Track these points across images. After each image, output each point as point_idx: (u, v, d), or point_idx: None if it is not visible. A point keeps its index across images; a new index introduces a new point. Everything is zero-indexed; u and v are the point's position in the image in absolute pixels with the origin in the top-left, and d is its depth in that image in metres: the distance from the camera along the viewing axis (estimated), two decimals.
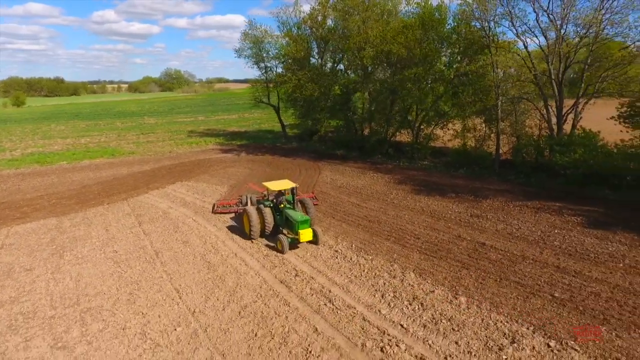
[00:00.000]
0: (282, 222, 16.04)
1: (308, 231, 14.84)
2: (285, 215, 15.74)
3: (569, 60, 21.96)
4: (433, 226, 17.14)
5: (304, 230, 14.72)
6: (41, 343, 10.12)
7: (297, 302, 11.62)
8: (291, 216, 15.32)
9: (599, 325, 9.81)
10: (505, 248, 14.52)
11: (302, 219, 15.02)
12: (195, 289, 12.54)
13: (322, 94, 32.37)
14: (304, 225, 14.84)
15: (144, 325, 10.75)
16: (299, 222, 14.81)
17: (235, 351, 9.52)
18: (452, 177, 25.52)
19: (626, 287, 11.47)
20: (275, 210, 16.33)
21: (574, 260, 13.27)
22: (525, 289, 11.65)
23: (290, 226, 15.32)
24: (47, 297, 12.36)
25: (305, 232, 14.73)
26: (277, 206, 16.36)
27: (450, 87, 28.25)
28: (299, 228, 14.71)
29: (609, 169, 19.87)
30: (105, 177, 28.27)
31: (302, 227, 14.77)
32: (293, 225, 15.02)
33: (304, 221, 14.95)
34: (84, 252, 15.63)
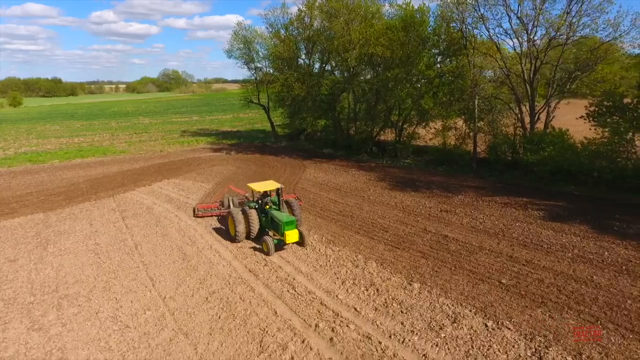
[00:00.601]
0: (267, 223, 15.76)
1: (294, 232, 14.60)
2: (271, 217, 15.47)
3: (539, 61, 22.72)
4: (403, 220, 17.91)
5: (290, 232, 14.48)
6: (19, 325, 10.86)
7: (262, 288, 12.39)
8: (276, 217, 15.08)
9: (539, 306, 10.59)
10: (465, 240, 15.31)
11: (288, 219, 14.78)
12: (169, 278, 13.29)
13: (309, 93, 33.10)
14: (289, 226, 14.59)
15: (116, 309, 11.49)
16: (284, 223, 14.56)
17: (197, 331, 10.28)
18: (431, 175, 26.31)
19: (569, 274, 12.26)
20: (260, 212, 16.09)
21: (527, 251, 14.06)
22: (476, 276, 12.43)
23: (276, 227, 15.06)
24: (27, 285, 13.10)
25: (291, 234, 14.50)
26: (262, 207, 16.16)
27: (431, 87, 29.03)
28: (285, 229, 14.45)
29: (575, 166, 20.65)
30: (94, 174, 28.99)
31: (287, 228, 14.52)
32: (279, 226, 14.78)
33: (290, 222, 14.71)
34: (67, 244, 16.37)
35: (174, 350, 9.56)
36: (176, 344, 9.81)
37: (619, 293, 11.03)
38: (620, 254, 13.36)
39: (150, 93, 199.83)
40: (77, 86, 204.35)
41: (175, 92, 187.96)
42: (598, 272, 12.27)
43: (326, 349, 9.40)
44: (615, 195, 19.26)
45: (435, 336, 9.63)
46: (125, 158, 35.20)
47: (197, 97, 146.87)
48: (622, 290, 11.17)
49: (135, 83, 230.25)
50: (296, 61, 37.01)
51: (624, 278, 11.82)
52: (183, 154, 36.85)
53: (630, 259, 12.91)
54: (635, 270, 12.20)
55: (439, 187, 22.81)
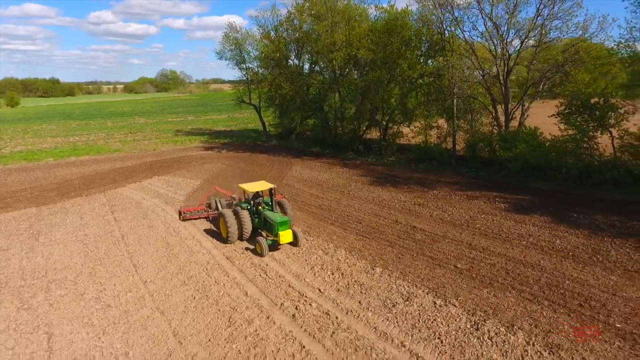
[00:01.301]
0: (260, 224, 15.64)
1: (288, 232, 14.46)
2: (264, 217, 15.33)
3: (511, 62, 23.76)
4: (377, 213, 18.91)
5: (284, 232, 14.33)
6: (9, 306, 11.81)
7: (236, 273, 13.36)
8: (270, 217, 14.93)
9: (483, 288, 11.59)
10: (432, 230, 16.31)
11: (282, 220, 14.63)
12: (151, 264, 14.26)
13: (297, 93, 34.08)
14: (283, 227, 14.44)
15: (100, 292, 12.46)
16: (278, 223, 14.40)
17: (173, 309, 11.25)
18: (411, 172, 27.30)
19: (520, 259, 13.27)
20: (252, 213, 15.95)
21: (486, 239, 15.07)
22: (434, 262, 13.44)
23: (270, 228, 14.90)
24: (19, 271, 14.05)
25: (285, 234, 14.36)
26: (254, 208, 16.01)
27: (413, 87, 30.04)
28: (279, 229, 14.31)
29: (544, 162, 21.67)
30: (87, 172, 29.92)
31: (281, 228, 14.37)
32: (272, 226, 14.64)
33: (284, 222, 14.55)
34: (58, 235, 17.32)
35: (150, 325, 10.52)
36: (152, 320, 10.78)
37: (560, 275, 12.04)
38: (570, 241, 14.38)
39: (148, 93, 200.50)
40: (75, 86, 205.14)
41: (173, 93, 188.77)
42: (546, 257, 13.29)
43: (288, 323, 10.38)
44: (581, 190, 20.27)
45: (388, 312, 10.62)
46: (118, 156, 36.13)
47: (194, 97, 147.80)
48: (563, 272, 12.18)
49: (133, 83, 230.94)
50: (285, 61, 38.00)
51: (568, 262, 12.83)
52: (175, 152, 37.78)
53: (578, 246, 13.93)
54: (579, 256, 13.22)
55: (417, 183, 23.81)
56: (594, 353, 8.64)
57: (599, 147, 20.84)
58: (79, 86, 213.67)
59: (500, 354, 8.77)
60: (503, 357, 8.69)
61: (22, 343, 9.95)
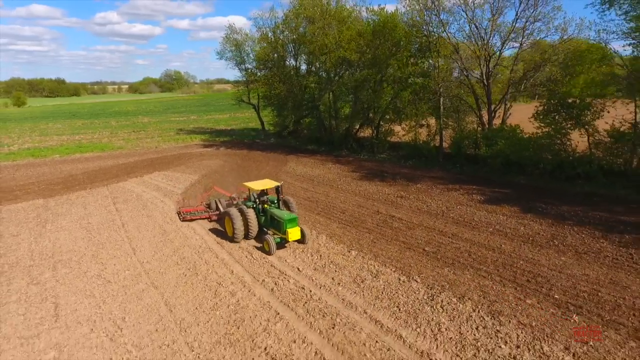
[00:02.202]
0: (267, 222, 15.52)
1: (296, 230, 14.38)
2: (271, 215, 15.18)
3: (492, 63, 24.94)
4: (361, 204, 20.17)
5: (292, 229, 14.25)
6: (20, 281, 13.19)
7: (225, 255, 14.67)
8: (277, 215, 14.84)
9: (446, 267, 12.84)
10: (408, 219, 17.56)
11: (290, 217, 14.55)
12: (148, 248, 15.60)
13: (291, 92, 35.39)
14: (292, 224, 14.35)
15: (102, 270, 13.81)
16: (286, 220, 14.32)
17: (165, 284, 12.58)
18: (400, 167, 28.53)
19: (483, 243, 14.50)
20: (258, 211, 15.86)
21: (457, 227, 16.30)
22: (406, 246, 14.69)
23: (277, 226, 14.80)
24: (28, 253, 15.44)
25: (294, 231, 14.28)
26: (260, 206, 15.94)
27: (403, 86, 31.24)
28: (287, 227, 14.22)
29: (522, 158, 22.83)
30: (92, 167, 31.38)
31: (290, 225, 14.28)
32: (280, 224, 14.53)
33: (292, 219, 14.47)
34: (63, 223, 18.72)
35: (144, 297, 11.86)
36: (147, 292, 12.12)
37: (516, 256, 13.27)
38: (533, 228, 15.59)
39: (152, 94, 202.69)
40: (80, 87, 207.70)
41: (177, 93, 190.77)
42: (508, 241, 14.51)
43: (266, 295, 11.67)
44: (556, 184, 21.42)
45: (356, 287, 11.88)
46: (121, 153, 37.59)
47: (197, 97, 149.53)
48: (520, 254, 13.41)
49: (138, 84, 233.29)
50: (283, 62, 39.33)
51: (526, 246, 14.05)
52: (176, 149, 39.18)
53: (539, 232, 15.14)
54: (538, 240, 14.44)
55: (403, 178, 25.03)
56: (529, 317, 9.87)
57: (571, 143, 21.95)
58: (84, 86, 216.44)
59: (448, 319, 10.02)
60: (450, 321, 9.94)
61: (32, 310, 11.31)
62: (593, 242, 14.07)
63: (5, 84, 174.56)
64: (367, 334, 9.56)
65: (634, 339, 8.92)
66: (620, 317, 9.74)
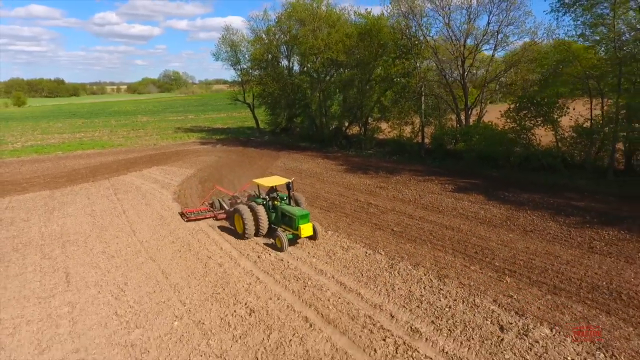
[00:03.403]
0: (277, 219, 15.48)
1: (308, 226, 14.35)
2: (282, 212, 15.14)
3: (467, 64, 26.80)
4: (342, 193, 21.96)
5: (305, 225, 14.24)
6: (34, 257, 14.93)
7: (216, 236, 16.44)
8: (289, 211, 14.79)
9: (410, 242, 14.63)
10: (384, 205, 19.36)
11: (302, 213, 14.53)
12: (147, 230, 17.36)
13: (283, 92, 37.19)
14: (304, 220, 14.37)
15: (105, 248, 15.57)
16: (298, 216, 14.31)
17: (162, 258, 14.34)
18: (384, 162, 30.32)
19: (445, 224, 16.30)
20: (268, 208, 15.79)
21: (425, 211, 18.11)
22: (377, 227, 16.48)
23: (289, 222, 14.75)
24: (39, 235, 17.19)
25: (306, 227, 14.25)
26: (270, 203, 15.92)
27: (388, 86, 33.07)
28: (300, 223, 14.22)
29: (494, 152, 24.66)
30: (93, 163, 33.12)
31: (302, 221, 14.29)
32: (292, 220, 14.51)
33: (304, 216, 14.46)
34: (69, 210, 20.47)
35: (143, 267, 13.62)
36: (146, 264, 13.88)
37: (471, 234, 15.08)
38: (492, 212, 17.41)
39: (151, 94, 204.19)
40: (80, 87, 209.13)
41: (176, 93, 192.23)
42: (466, 223, 16.32)
43: (250, 266, 13.45)
44: (522, 176, 23.25)
45: (328, 259, 13.67)
46: (121, 150, 39.33)
47: (195, 97, 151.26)
48: (474, 233, 15.22)
49: (137, 84, 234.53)
50: (276, 62, 41.12)
51: (482, 226, 15.87)
52: (174, 147, 40.93)
53: (496, 215, 16.96)
54: (493, 221, 16.27)
55: (385, 171, 26.83)
56: (469, 279, 11.67)
57: (536, 137, 23.79)
58: (84, 87, 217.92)
59: (402, 281, 11.81)
60: (403, 283, 11.73)
61: (46, 278, 13.07)
62: (541, 222, 15.90)
63: (5, 84, 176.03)
64: (332, 293, 11.34)
65: (551, 293, 10.72)
66: (545, 278, 11.56)
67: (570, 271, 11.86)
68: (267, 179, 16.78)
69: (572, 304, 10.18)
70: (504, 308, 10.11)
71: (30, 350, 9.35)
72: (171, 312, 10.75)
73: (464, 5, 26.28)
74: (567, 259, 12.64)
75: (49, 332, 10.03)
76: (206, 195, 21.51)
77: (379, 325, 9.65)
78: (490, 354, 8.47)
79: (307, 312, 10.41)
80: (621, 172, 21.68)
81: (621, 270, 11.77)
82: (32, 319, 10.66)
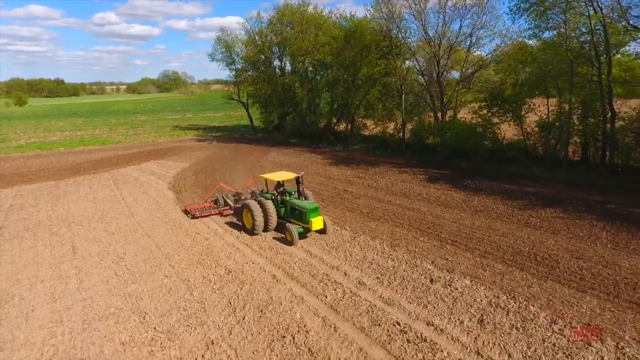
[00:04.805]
0: (287, 213, 15.57)
1: (319, 219, 14.50)
2: (291, 206, 15.23)
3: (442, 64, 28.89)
4: (323, 183, 24.01)
5: (315, 219, 14.38)
6: (43, 234, 16.97)
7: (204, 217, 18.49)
8: (299, 205, 14.91)
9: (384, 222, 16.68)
10: (358, 192, 21.41)
11: (312, 207, 14.63)
12: (144, 213, 19.41)
13: (275, 91, 39.26)
14: (314, 213, 14.48)
15: (106, 227, 17.61)
16: (309, 210, 14.42)
17: (156, 234, 16.38)
18: (368, 156, 32.36)
19: (407, 206, 18.36)
20: (276, 203, 15.88)
21: (393, 197, 20.17)
22: (348, 209, 18.52)
23: (299, 216, 14.83)
24: (47, 217, 19.23)
25: (317, 220, 14.40)
26: (278, 198, 16.07)
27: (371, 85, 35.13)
28: (310, 216, 14.34)
29: (465, 146, 26.72)
30: (94, 157, 35.16)
31: (313, 215, 14.41)
32: (303, 214, 14.60)
33: (315, 209, 14.59)
34: (73, 198, 22.51)
35: (140, 241, 15.66)
36: (142, 239, 15.93)
37: (428, 214, 17.14)
38: (452, 196, 19.48)
39: (150, 94, 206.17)
40: (79, 87, 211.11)
41: (175, 93, 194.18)
42: (427, 205, 18.39)
43: (232, 240, 15.46)
44: (490, 167, 25.32)
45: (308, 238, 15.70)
46: (120, 146, 41.38)
47: (194, 97, 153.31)
48: (431, 213, 17.28)
49: (136, 84, 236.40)
50: (269, 63, 43.17)
51: (439, 207, 17.94)
52: (171, 143, 42.97)
53: (455, 199, 19.03)
54: (450, 204, 18.34)
55: (366, 164, 28.88)
56: (416, 247, 13.74)
57: (501, 132, 25.87)
58: (83, 86, 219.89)
59: (359, 249, 13.86)
60: (360, 250, 13.78)
61: (55, 250, 15.11)
62: (492, 204, 17.98)
63: (5, 84, 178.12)
64: (299, 258, 13.39)
65: (480, 257, 12.79)
66: (479, 246, 13.63)
67: (502, 241, 13.93)
68: (274, 174, 16.93)
69: (495, 263, 12.25)
70: (438, 267, 12.18)
71: (45, 299, 11.39)
72: (162, 272, 12.80)
73: (440, 11, 28.35)
74: (504, 232, 14.71)
75: (60, 287, 12.08)
76: (208, 191, 22.33)
77: (333, 280, 11.71)
78: (417, 297, 10.52)
79: (276, 272, 12.47)
80: (577, 162, 23.74)
81: (545, 239, 13.85)
82: (45, 278, 12.70)
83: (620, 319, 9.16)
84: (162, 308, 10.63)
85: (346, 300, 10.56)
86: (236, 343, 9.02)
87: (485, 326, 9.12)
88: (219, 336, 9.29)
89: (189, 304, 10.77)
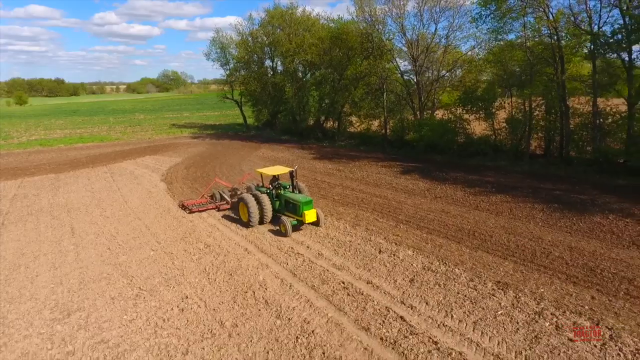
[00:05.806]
0: (281, 207, 16.09)
1: (312, 212, 14.96)
2: (286, 199, 15.72)
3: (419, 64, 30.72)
4: (304, 175, 25.79)
5: (309, 212, 14.86)
6: (45, 218, 18.81)
7: None
8: (292, 198, 15.38)
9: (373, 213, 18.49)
10: (335, 182, 23.23)
11: (305, 200, 15.12)
12: (136, 200, 21.24)
13: (265, 90, 41.09)
14: (308, 206, 14.96)
15: (102, 212, 19.44)
16: (302, 203, 14.89)
17: (148, 218, 18.22)
18: (352, 151, 34.19)
19: (377, 194, 20.18)
20: (272, 196, 16.36)
21: (367, 186, 21.99)
22: (322, 197, 20.34)
23: (293, 209, 15.32)
24: (48, 204, 21.07)
25: (310, 213, 14.87)
26: (273, 192, 16.57)
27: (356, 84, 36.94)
28: (304, 209, 14.80)
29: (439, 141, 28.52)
30: (93, 153, 37.00)
31: (306, 208, 14.89)
32: (296, 207, 15.06)
33: (308, 202, 15.05)
34: (72, 188, 24.34)
35: (132, 224, 17.49)
36: (134, 222, 17.76)
37: (394, 201, 18.95)
38: (419, 186, 21.32)
39: (149, 93, 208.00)
40: (79, 86, 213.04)
41: (174, 92, 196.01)
42: (394, 193, 20.21)
43: (214, 222, 17.30)
44: (461, 160, 27.14)
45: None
46: (118, 143, 43.23)
47: (192, 96, 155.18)
48: (398, 200, 19.09)
49: (136, 84, 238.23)
50: (261, 63, 44.99)
51: (404, 195, 19.77)
52: (167, 140, 44.82)
53: (421, 187, 20.86)
54: (416, 192, 20.18)
55: (349, 158, 30.71)
56: (375, 227, 15.56)
57: (471, 127, 27.70)
58: (83, 86, 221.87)
59: (325, 228, 15.68)
60: (325, 229, 15.57)
61: (56, 230, 16.95)
62: (451, 192, 19.82)
63: (6, 84, 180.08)
64: (270, 236, 15.20)
65: (427, 233, 14.62)
66: (428, 225, 15.45)
67: (450, 221, 15.77)
68: (270, 168, 17.70)
69: (437, 238, 14.09)
70: (389, 241, 14.02)
71: (47, 267, 13.23)
72: (149, 247, 14.65)
73: (417, 15, 30.19)
74: (454, 214, 16.55)
75: (60, 259, 13.92)
76: (198, 182, 24.42)
77: (296, 252, 13.54)
78: (364, 264, 12.36)
79: (248, 246, 14.31)
80: (540, 156, 25.57)
81: (487, 219, 15.69)
82: (47, 252, 14.54)
83: (526, 278, 10.99)
84: (147, 273, 12.48)
85: (304, 267, 12.40)
86: (207, 297, 10.86)
87: (414, 284, 10.96)
88: (192, 292, 11.13)
89: (170, 270, 12.61)
